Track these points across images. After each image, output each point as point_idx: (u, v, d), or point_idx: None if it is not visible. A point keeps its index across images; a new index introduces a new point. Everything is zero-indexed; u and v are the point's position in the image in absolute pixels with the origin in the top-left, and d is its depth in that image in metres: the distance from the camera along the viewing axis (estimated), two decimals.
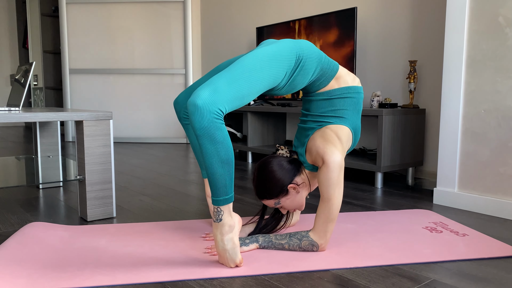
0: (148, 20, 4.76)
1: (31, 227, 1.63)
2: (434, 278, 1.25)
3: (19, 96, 1.91)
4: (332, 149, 1.38)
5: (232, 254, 1.28)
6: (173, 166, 3.24)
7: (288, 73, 1.36)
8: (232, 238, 1.28)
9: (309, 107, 1.54)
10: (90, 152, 1.77)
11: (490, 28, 1.90)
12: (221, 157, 1.21)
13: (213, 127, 1.19)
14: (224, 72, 1.26)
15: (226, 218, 1.27)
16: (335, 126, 1.48)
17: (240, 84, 1.25)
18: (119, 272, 1.26)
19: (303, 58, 1.38)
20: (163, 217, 1.89)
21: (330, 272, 1.28)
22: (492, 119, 1.91)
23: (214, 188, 1.24)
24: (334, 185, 1.36)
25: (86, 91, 4.89)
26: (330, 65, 1.47)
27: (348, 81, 1.51)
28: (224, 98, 1.21)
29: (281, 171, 1.44)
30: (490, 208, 1.92)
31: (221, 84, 1.22)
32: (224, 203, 1.26)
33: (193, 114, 1.18)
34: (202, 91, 1.20)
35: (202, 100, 1.18)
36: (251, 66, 1.28)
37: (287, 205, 1.49)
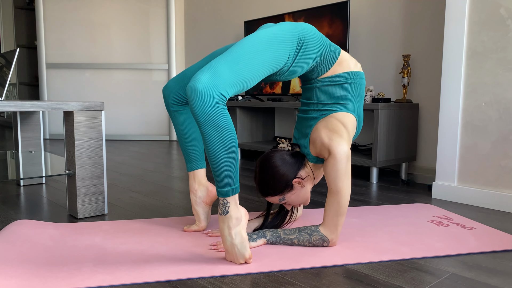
0: (129, 13, 4.61)
1: (18, 225, 1.51)
2: (453, 272, 1.20)
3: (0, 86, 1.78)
4: (338, 139, 1.31)
5: (241, 249, 1.20)
6: (158, 163, 3.13)
7: (291, 56, 1.29)
8: (240, 232, 1.21)
9: (311, 95, 1.47)
10: (80, 145, 1.66)
11: (491, 19, 1.88)
12: (226, 144, 1.14)
13: (216, 113, 1.11)
14: (224, 55, 1.19)
15: (233, 210, 1.20)
16: (340, 114, 1.41)
17: (241, 67, 1.17)
18: (121, 271, 1.17)
19: (305, 40, 1.31)
20: (157, 213, 1.79)
21: (345, 268, 1.22)
22: (493, 112, 1.89)
23: (219, 179, 1.17)
24: (342, 176, 1.30)
25: (63, 86, 4.70)
26: (332, 49, 1.41)
27: (351, 66, 1.44)
28: (226, 82, 1.13)
29: (285, 165, 1.37)
30: (491, 202, 1.90)
31: (222, 67, 1.14)
32: (230, 194, 1.18)
33: (194, 100, 1.10)
34: (202, 74, 1.12)
35: (203, 84, 1.10)
36: (252, 48, 1.21)
37: (292, 200, 1.42)
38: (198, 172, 1.52)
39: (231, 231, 1.20)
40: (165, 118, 4.71)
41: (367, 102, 2.68)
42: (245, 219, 1.23)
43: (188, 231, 1.53)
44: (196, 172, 1.52)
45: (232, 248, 1.21)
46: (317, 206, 1.92)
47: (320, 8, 2.94)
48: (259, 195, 2.13)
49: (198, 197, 1.52)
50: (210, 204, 1.55)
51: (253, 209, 1.86)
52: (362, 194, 2.17)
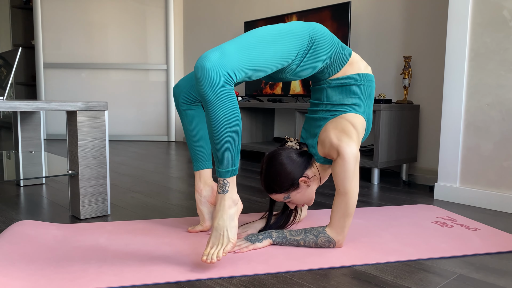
0: (128, 13, 4.59)
1: (21, 225, 1.49)
2: (461, 273, 1.20)
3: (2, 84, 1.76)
4: (347, 140, 1.31)
5: (230, 233, 1.19)
6: (158, 163, 3.12)
7: (301, 54, 1.29)
8: (233, 216, 1.21)
9: (320, 96, 1.47)
10: (83, 145, 1.64)
11: (494, 21, 1.88)
12: (231, 125, 1.14)
13: (223, 93, 1.10)
14: (235, 39, 1.19)
15: (232, 191, 1.20)
16: (349, 115, 1.41)
17: (251, 52, 1.17)
18: (128, 272, 1.16)
19: (315, 40, 1.31)
20: (160, 214, 1.78)
21: (353, 269, 1.22)
22: (496, 113, 1.90)
23: (221, 159, 1.17)
24: (350, 177, 1.30)
25: (61, 86, 4.68)
26: (343, 50, 1.40)
27: (361, 68, 1.44)
28: (235, 63, 1.13)
29: (292, 164, 1.36)
30: (494, 203, 1.91)
31: (232, 49, 1.14)
32: (230, 175, 1.19)
33: (202, 79, 1.09)
34: (211, 53, 1.11)
35: (211, 63, 1.09)
36: (263, 37, 1.21)
37: (297, 199, 1.42)
38: (204, 172, 1.51)
39: (228, 211, 1.20)
40: (163, 119, 4.70)
41: None
42: (240, 206, 1.24)
43: (192, 231, 1.52)
44: (202, 172, 1.51)
45: (222, 228, 1.19)
46: (321, 207, 1.91)
47: (321, 9, 2.94)
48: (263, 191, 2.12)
49: (203, 197, 1.52)
50: (215, 204, 1.54)
51: (255, 210, 1.85)
52: (364, 195, 2.17)
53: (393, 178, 2.65)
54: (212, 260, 1.15)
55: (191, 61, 4.65)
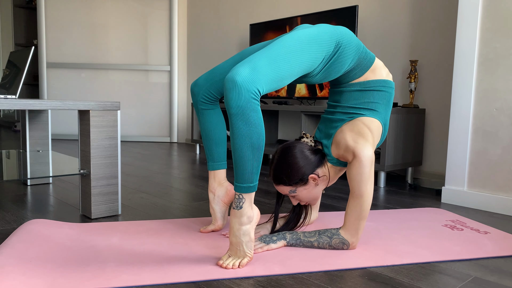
0: (131, 14, 4.60)
1: (33, 224, 1.49)
2: (476, 276, 1.21)
3: (14, 82, 1.76)
4: (363, 142, 1.32)
5: (246, 248, 1.21)
6: (163, 164, 3.12)
7: (326, 59, 1.30)
8: (248, 231, 1.21)
9: (339, 99, 1.48)
10: (96, 145, 1.65)
11: (504, 26, 1.90)
12: (253, 141, 1.14)
13: (250, 108, 1.11)
14: (265, 51, 1.19)
15: (247, 208, 1.20)
16: (367, 119, 1.42)
17: (280, 65, 1.18)
18: (145, 272, 1.16)
19: (341, 45, 1.32)
20: (170, 214, 1.78)
21: (368, 270, 1.23)
22: (505, 118, 1.91)
23: (239, 173, 1.17)
24: (366, 180, 1.30)
25: (63, 86, 4.67)
26: (367, 55, 1.41)
27: (383, 74, 1.45)
28: (264, 78, 1.14)
29: (305, 159, 1.37)
30: (502, 207, 1.92)
31: (262, 63, 1.15)
32: (247, 191, 1.18)
33: (231, 91, 1.10)
34: (242, 68, 1.12)
35: (242, 78, 1.10)
36: (292, 47, 1.22)
37: (303, 195, 1.41)
38: (219, 172, 1.51)
39: (241, 228, 1.20)
40: (166, 120, 4.70)
41: None
42: (256, 219, 1.23)
43: (205, 232, 1.52)
44: (217, 172, 1.51)
45: (237, 244, 1.20)
46: (331, 209, 1.92)
47: (328, 12, 2.95)
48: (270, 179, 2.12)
49: (217, 196, 1.52)
50: (228, 204, 1.54)
51: (264, 211, 1.86)
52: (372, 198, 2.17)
53: (398, 181, 2.66)
54: (228, 266, 1.18)
55: (195, 63, 4.65)
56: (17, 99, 1.49)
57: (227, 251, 1.23)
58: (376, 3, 2.97)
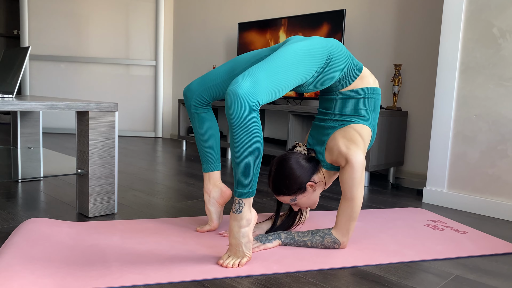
0: (117, 7, 4.57)
1: (33, 223, 1.52)
2: (457, 274, 1.31)
3: (11, 81, 1.78)
4: (355, 149, 1.40)
5: (245, 249, 1.28)
6: (150, 161, 3.15)
7: (318, 70, 1.37)
8: (247, 233, 1.28)
9: (330, 106, 1.55)
10: (94, 145, 1.68)
11: (484, 37, 2.01)
12: (253, 149, 1.20)
13: (251, 119, 1.18)
14: (264, 64, 1.25)
15: (246, 212, 1.27)
16: (357, 126, 1.50)
17: (278, 77, 1.25)
18: (150, 271, 1.21)
19: (333, 57, 1.39)
20: (165, 213, 1.83)
21: (359, 269, 1.31)
22: (483, 124, 2.03)
23: (239, 180, 1.24)
24: (357, 184, 1.39)
25: (46, 79, 4.62)
26: (355, 65, 1.49)
27: (370, 82, 1.53)
28: (263, 91, 1.20)
29: (300, 168, 1.44)
30: (479, 208, 2.04)
31: (262, 76, 1.21)
32: (247, 196, 1.25)
33: (233, 103, 1.16)
34: (244, 81, 1.18)
35: (244, 90, 1.16)
36: (290, 60, 1.28)
37: (303, 202, 1.50)
38: (213, 173, 1.57)
39: (240, 230, 1.27)
40: (151, 115, 4.71)
41: None
42: (254, 221, 1.30)
43: (201, 231, 1.58)
44: (212, 173, 1.57)
45: (237, 245, 1.28)
46: (322, 209, 2.00)
47: (317, 14, 3.02)
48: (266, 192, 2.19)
49: (212, 197, 1.58)
50: (223, 205, 1.60)
51: (258, 210, 1.93)
52: None
53: (381, 180, 2.77)
54: (228, 266, 1.25)
55: (181, 58, 4.66)
56: (14, 100, 1.52)
57: (227, 251, 1.30)
58: (363, 8, 3.06)
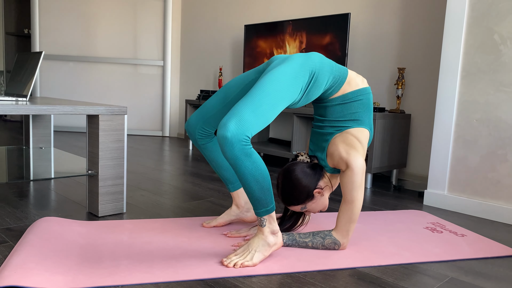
0: (126, 8, 4.64)
1: (46, 222, 1.59)
2: (452, 276, 1.36)
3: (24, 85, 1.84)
4: (355, 153, 1.45)
5: (256, 255, 1.36)
6: (158, 160, 3.22)
7: (303, 88, 1.42)
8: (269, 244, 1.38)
9: (324, 113, 1.60)
10: (104, 147, 1.74)
11: (486, 43, 2.05)
12: (255, 176, 1.30)
13: (244, 154, 1.27)
14: (247, 99, 1.31)
15: (269, 226, 1.38)
16: (355, 130, 1.55)
17: (263, 109, 1.31)
18: (157, 270, 1.27)
19: (315, 72, 1.44)
20: (172, 213, 1.90)
21: (357, 270, 1.36)
22: (484, 128, 2.07)
23: (254, 203, 1.34)
24: (357, 188, 1.44)
25: (55, 77, 4.71)
26: (340, 72, 1.53)
27: (358, 83, 1.57)
28: (250, 126, 1.28)
29: (306, 178, 1.50)
30: (479, 211, 2.08)
31: (246, 113, 1.28)
32: (265, 214, 1.35)
33: (224, 146, 1.25)
34: (229, 123, 1.26)
35: (231, 132, 1.25)
36: (272, 90, 1.34)
37: (313, 208, 1.56)
38: (240, 191, 1.70)
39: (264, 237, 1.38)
40: (158, 114, 4.78)
41: None
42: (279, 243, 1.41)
43: (207, 226, 1.68)
44: (239, 191, 1.70)
45: (252, 246, 1.37)
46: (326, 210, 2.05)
47: (322, 18, 3.07)
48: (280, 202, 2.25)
49: (240, 213, 1.73)
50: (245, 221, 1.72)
51: None
52: None
53: (383, 182, 2.81)
54: (229, 265, 1.32)
55: (188, 59, 4.73)
56: (28, 104, 1.58)
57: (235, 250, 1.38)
58: (367, 12, 3.10)
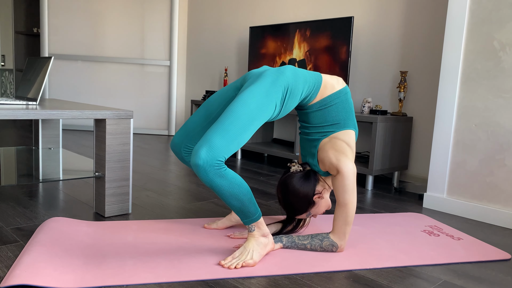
0: (133, 8, 4.71)
1: (54, 222, 1.65)
2: (445, 279, 1.40)
3: (35, 90, 1.91)
4: (344, 159, 1.49)
5: (255, 254, 1.42)
6: (164, 160, 3.28)
7: (279, 103, 1.45)
8: (264, 244, 1.44)
9: (307, 119, 1.63)
10: (110, 150, 1.80)
11: (485, 49, 2.08)
12: (233, 194, 1.36)
13: (217, 176, 1.32)
14: (217, 125, 1.36)
15: (258, 230, 1.45)
16: (341, 134, 1.59)
17: (233, 133, 1.35)
18: (160, 270, 1.33)
19: (289, 85, 1.47)
20: (176, 214, 1.95)
21: (353, 273, 1.41)
22: (482, 133, 2.10)
23: (239, 215, 1.42)
24: (349, 191, 1.48)
25: (63, 77, 4.79)
26: (314, 80, 1.56)
27: (334, 86, 1.59)
28: (221, 150, 1.32)
29: (303, 187, 1.54)
30: (477, 214, 2.12)
31: (216, 139, 1.32)
32: (252, 222, 1.43)
33: (198, 173, 1.32)
34: (200, 151, 1.31)
35: (202, 160, 1.30)
36: (241, 114, 1.37)
37: (317, 211, 1.62)
38: None
39: (256, 240, 1.44)
40: (164, 113, 4.85)
41: (365, 113, 2.87)
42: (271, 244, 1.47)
43: (208, 228, 1.74)
44: None
45: (248, 248, 1.43)
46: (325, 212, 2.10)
47: (325, 21, 3.11)
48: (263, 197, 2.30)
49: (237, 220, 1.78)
50: None
51: (265, 213, 2.04)
52: (359, 201, 2.36)
53: (385, 184, 2.85)
54: (231, 267, 1.37)
55: (194, 59, 4.78)
56: (38, 109, 1.64)
57: (235, 252, 1.42)
58: (370, 15, 3.13)
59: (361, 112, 2.91)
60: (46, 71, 1.87)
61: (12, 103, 1.73)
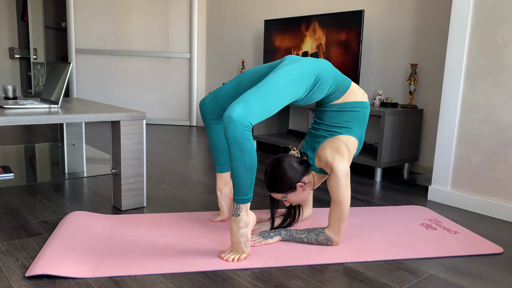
0: (158, 2, 4.84)
1: (75, 216, 1.83)
2: (431, 273, 1.49)
3: (55, 90, 2.07)
4: (339, 159, 1.59)
5: (244, 247, 1.51)
6: (183, 152, 3.44)
7: (308, 89, 1.57)
8: (245, 233, 1.51)
9: (322, 117, 1.75)
10: (125, 149, 1.95)
11: (489, 46, 2.10)
12: (246, 163, 1.43)
13: (243, 138, 1.39)
14: (255, 89, 1.46)
15: (243, 215, 1.49)
16: (344, 137, 1.69)
17: (268, 101, 1.45)
18: (167, 262, 1.48)
19: (321, 76, 1.58)
20: (188, 207, 2.10)
21: (344, 265, 1.52)
22: (485, 128, 2.14)
23: (236, 189, 1.46)
24: (342, 189, 1.58)
25: (90, 70, 5.00)
26: (343, 82, 1.67)
27: (358, 96, 1.71)
28: (254, 113, 1.41)
29: (292, 170, 1.65)
30: (478, 207, 2.17)
31: (253, 101, 1.42)
32: (243, 202, 1.48)
33: (228, 125, 1.38)
34: (237, 106, 1.40)
35: (236, 114, 1.38)
36: (278, 85, 1.48)
37: (293, 199, 1.71)
38: (224, 174, 1.84)
39: (239, 231, 1.50)
40: (185, 104, 5.00)
41: (376, 105, 2.92)
42: (252, 223, 1.53)
43: (214, 221, 1.87)
44: (223, 174, 1.84)
45: (237, 243, 1.51)
46: (325, 205, 2.20)
47: (337, 14, 3.15)
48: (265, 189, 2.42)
49: (224, 194, 1.85)
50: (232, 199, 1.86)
51: (260, 207, 2.15)
52: (366, 193, 2.45)
53: (395, 175, 2.91)
54: (229, 259, 1.49)
55: (213, 51, 4.90)
56: (58, 114, 1.80)
57: (229, 247, 1.54)
58: (381, 9, 3.15)
59: (372, 104, 2.96)
60: (66, 76, 2.03)
61: (36, 107, 1.90)
